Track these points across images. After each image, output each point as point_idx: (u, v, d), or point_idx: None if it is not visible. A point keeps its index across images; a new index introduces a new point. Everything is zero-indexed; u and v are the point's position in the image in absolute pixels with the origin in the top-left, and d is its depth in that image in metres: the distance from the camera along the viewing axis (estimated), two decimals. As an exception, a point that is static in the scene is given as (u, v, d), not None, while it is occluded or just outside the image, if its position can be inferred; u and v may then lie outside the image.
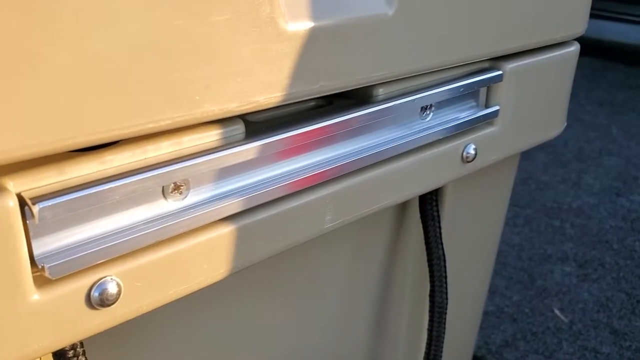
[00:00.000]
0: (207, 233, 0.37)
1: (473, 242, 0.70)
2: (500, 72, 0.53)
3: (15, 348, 0.31)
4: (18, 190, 0.30)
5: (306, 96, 0.39)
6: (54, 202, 0.30)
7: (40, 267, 0.31)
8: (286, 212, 0.41)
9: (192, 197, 0.37)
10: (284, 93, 0.37)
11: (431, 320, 0.63)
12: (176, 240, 0.36)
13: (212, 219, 0.37)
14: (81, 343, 0.37)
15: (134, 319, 0.36)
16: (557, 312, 1.38)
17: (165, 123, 0.32)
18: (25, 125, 0.28)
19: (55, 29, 0.28)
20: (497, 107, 0.55)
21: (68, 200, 0.30)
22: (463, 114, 0.53)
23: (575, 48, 0.62)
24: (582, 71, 2.92)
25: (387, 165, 0.47)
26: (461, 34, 0.47)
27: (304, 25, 0.37)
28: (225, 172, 0.38)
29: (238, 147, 0.37)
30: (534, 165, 2.05)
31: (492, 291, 1.44)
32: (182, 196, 0.36)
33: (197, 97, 0.33)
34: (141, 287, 0.35)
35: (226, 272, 0.39)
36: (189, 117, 0.33)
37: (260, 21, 0.34)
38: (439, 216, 0.60)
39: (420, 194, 0.51)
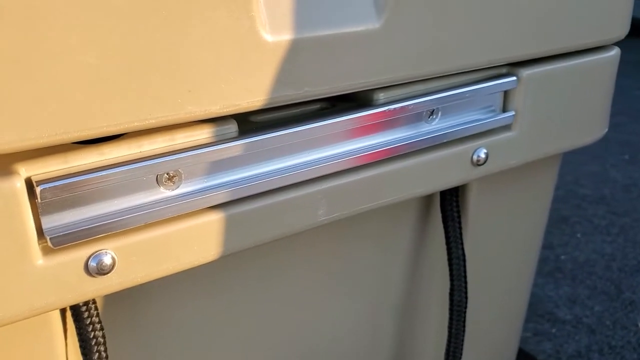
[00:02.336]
0: (198, 218, 0.43)
1: (505, 244, 0.70)
2: (514, 79, 0.54)
3: (24, 303, 0.38)
4: (28, 175, 0.37)
5: (291, 100, 0.43)
6: (54, 185, 0.37)
7: (45, 238, 0.38)
8: (275, 205, 0.45)
9: (185, 187, 0.42)
10: (266, 97, 0.41)
11: (451, 318, 0.64)
12: (168, 223, 0.42)
13: (201, 206, 0.42)
14: (95, 305, 0.44)
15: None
16: (641, 327, 1.31)
17: (149, 122, 0.38)
18: (37, 121, 0.35)
19: (59, 48, 0.34)
20: (512, 113, 0.55)
21: (66, 183, 0.37)
22: (475, 119, 0.54)
23: (614, 53, 0.61)
24: None
25: (386, 165, 0.50)
26: (461, 42, 0.49)
27: (286, 37, 0.41)
28: (217, 166, 0.43)
29: (227, 144, 0.42)
30: (640, 172, 1.93)
31: (572, 300, 1.39)
32: (175, 186, 0.42)
33: (180, 101, 0.38)
34: (135, 262, 0.41)
35: (216, 255, 0.44)
36: (172, 118, 0.38)
37: (241, 35, 0.39)
38: (459, 216, 0.61)
39: (425, 194, 0.53)
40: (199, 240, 0.43)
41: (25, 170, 0.37)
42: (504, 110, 0.56)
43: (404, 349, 0.71)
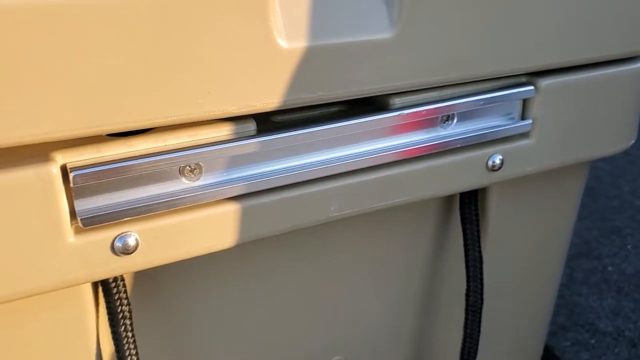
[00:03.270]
0: (216, 208, 0.46)
1: (527, 250, 0.71)
2: (531, 88, 0.55)
3: (57, 275, 0.42)
4: (64, 162, 0.41)
5: (304, 103, 0.46)
6: (86, 172, 0.41)
7: (77, 218, 0.42)
8: (289, 199, 0.49)
9: (205, 179, 0.46)
10: (280, 100, 0.45)
11: (466, 318, 0.66)
12: (188, 211, 0.46)
13: (219, 197, 0.46)
14: (123, 282, 0.49)
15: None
16: (687, 344, 1.27)
17: (172, 119, 0.42)
18: (73, 115, 0.39)
19: (94, 53, 0.38)
20: (529, 121, 0.57)
21: (97, 171, 0.42)
22: (492, 125, 0.56)
23: (641, 65, 0.61)
24: None
25: (399, 167, 0.52)
26: (476, 52, 0.51)
27: (301, 44, 0.44)
28: (236, 161, 0.47)
29: (245, 141, 0.46)
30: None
31: (615, 312, 1.36)
32: (196, 177, 0.46)
33: (200, 101, 0.42)
34: (156, 244, 0.45)
35: (231, 243, 0.48)
36: (192, 116, 0.42)
37: (258, 41, 0.43)
38: (477, 220, 0.63)
39: (437, 197, 0.56)
40: (215, 228, 0.47)
41: (61, 157, 0.41)
42: (523, 117, 0.58)
43: (424, 347, 0.73)
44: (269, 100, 0.44)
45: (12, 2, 0.36)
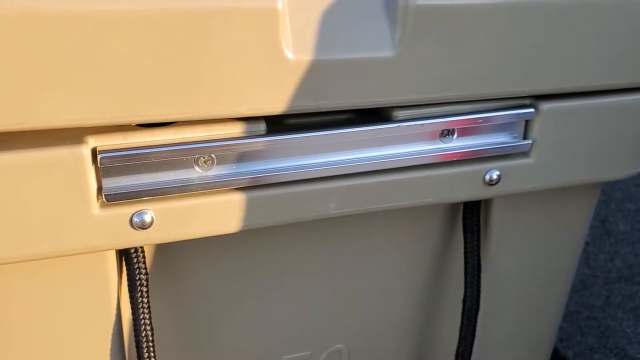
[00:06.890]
0: (223, 196, 0.53)
1: (530, 265, 0.74)
2: (531, 110, 0.59)
3: (84, 240, 0.50)
4: (94, 145, 0.49)
5: (308, 110, 0.51)
6: (112, 155, 0.48)
7: (102, 194, 0.50)
8: (291, 194, 0.54)
9: (216, 170, 0.53)
10: (285, 105, 0.50)
11: (462, 322, 0.70)
12: (199, 197, 0.52)
13: (227, 187, 0.52)
14: (143, 253, 0.56)
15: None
16: None
17: (188, 115, 0.48)
18: (105, 106, 0.47)
19: (126, 55, 0.45)
20: (529, 142, 0.60)
21: (122, 155, 0.49)
22: (492, 142, 0.60)
23: (651, 94, 0.63)
24: None
25: (396, 174, 0.57)
26: (476, 74, 0.54)
27: (306, 57, 0.49)
28: (245, 157, 0.53)
29: (254, 139, 0.52)
30: None
31: (647, 339, 1.35)
32: (208, 168, 0.52)
33: (213, 101, 0.48)
34: (169, 222, 0.52)
35: (235, 229, 0.54)
36: (207, 114, 0.49)
37: (267, 53, 0.48)
38: (478, 230, 0.67)
39: (433, 204, 0.60)
40: (222, 214, 0.53)
41: (93, 141, 0.49)
42: (525, 137, 0.61)
43: (424, 345, 0.77)
44: (276, 105, 0.50)
45: (65, 7, 0.43)
